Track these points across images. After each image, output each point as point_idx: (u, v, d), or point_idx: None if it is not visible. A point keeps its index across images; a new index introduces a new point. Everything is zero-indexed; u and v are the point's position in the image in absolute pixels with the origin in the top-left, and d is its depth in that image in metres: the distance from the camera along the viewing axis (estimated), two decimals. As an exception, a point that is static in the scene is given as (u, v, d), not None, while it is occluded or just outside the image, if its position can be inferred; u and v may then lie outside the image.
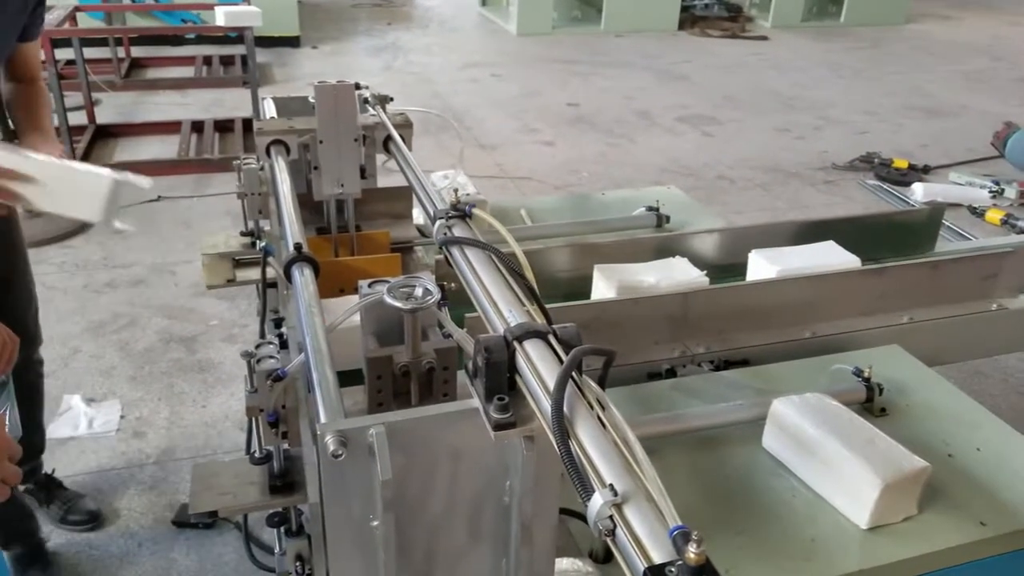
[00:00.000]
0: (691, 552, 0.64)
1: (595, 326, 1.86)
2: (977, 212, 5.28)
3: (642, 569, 0.67)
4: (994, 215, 5.17)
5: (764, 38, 10.53)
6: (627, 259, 2.13)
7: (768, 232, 2.33)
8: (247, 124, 6.16)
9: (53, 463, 2.79)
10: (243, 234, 2.21)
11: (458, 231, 1.31)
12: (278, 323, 1.47)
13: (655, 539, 0.69)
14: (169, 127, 6.27)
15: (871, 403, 1.70)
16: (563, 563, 1.27)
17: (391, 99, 2.08)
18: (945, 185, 5.71)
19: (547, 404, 0.88)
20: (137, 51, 8.22)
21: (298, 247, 1.41)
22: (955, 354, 2.19)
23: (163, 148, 5.96)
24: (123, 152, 5.92)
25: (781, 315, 1.99)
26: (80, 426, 3.11)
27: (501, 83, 8.09)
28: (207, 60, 8.22)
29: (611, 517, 0.73)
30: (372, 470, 0.98)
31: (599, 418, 0.86)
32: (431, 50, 9.31)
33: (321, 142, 1.91)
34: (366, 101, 2.05)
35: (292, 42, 9.00)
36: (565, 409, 0.85)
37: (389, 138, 1.97)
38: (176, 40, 8.69)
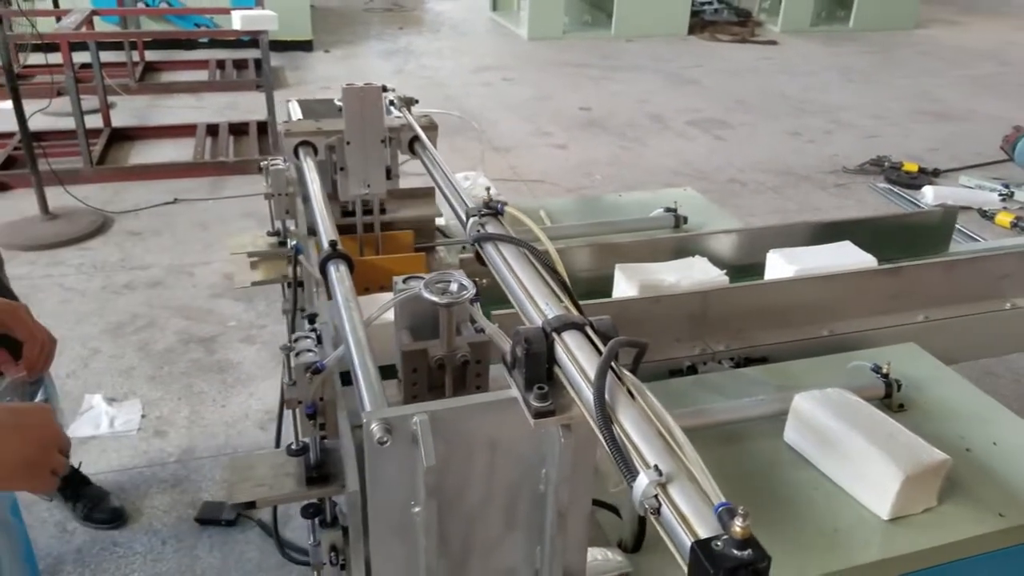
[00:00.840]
0: (737, 526, 0.68)
1: (617, 324, 1.88)
2: (987, 215, 5.30)
3: (689, 544, 0.71)
4: (1004, 218, 5.20)
5: (773, 43, 10.56)
6: (647, 259, 2.17)
7: (785, 233, 2.36)
8: (262, 127, 6.22)
9: (75, 461, 2.83)
10: (270, 234, 2.25)
11: (491, 228, 1.35)
12: (311, 319, 1.51)
13: (700, 516, 0.73)
14: (184, 130, 6.33)
15: (889, 399, 1.73)
16: (593, 553, 1.30)
17: (416, 101, 2.12)
18: (955, 188, 5.73)
19: (587, 392, 0.92)
20: (151, 55, 8.30)
21: (333, 244, 1.45)
22: (970, 353, 2.22)
23: (178, 151, 6.02)
24: (138, 155, 5.98)
25: (799, 314, 2.03)
26: (102, 425, 3.15)
27: (513, 87, 8.13)
28: (220, 64, 8.29)
29: (656, 496, 0.76)
30: (415, 457, 1.02)
31: (639, 407, 0.89)
32: (442, 54, 9.37)
33: (348, 143, 1.95)
34: (391, 103, 2.09)
35: (305, 46, 9.08)
36: (607, 396, 0.88)
37: (415, 139, 2.01)
38: (189, 44, 8.77)
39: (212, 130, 6.35)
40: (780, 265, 2.14)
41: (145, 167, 5.69)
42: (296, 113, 2.26)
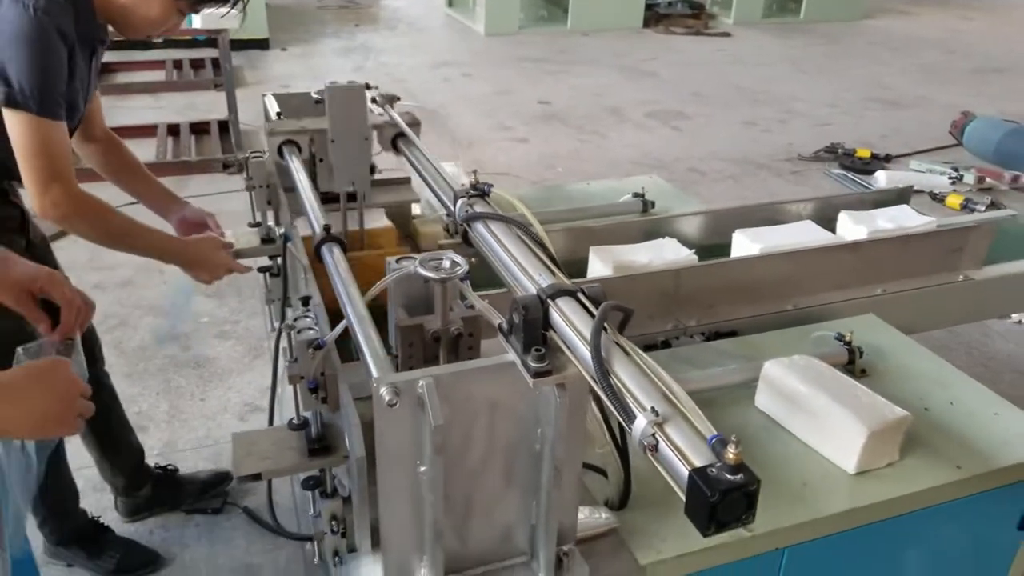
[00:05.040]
0: (730, 453, 0.76)
1: (593, 302, 1.98)
2: (938, 198, 5.48)
3: (686, 473, 0.79)
4: (954, 200, 5.37)
5: (727, 35, 10.74)
6: (619, 242, 2.26)
7: (749, 213, 2.46)
8: (223, 126, 6.21)
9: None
10: (251, 225, 2.29)
11: (479, 208, 1.42)
12: (305, 301, 1.57)
13: (695, 448, 0.81)
14: (145, 131, 6.28)
15: (852, 365, 1.84)
16: (583, 511, 1.39)
17: (398, 99, 2.18)
18: (906, 172, 5.91)
19: (584, 351, 1.00)
20: (107, 56, 8.20)
21: (327, 228, 1.51)
22: (926, 323, 2.33)
23: (140, 151, 5.88)
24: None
25: (765, 289, 2.12)
26: (81, 422, 3.16)
27: (472, 82, 8.19)
28: (177, 64, 8.23)
29: (654, 434, 0.84)
30: (420, 419, 1.09)
31: (631, 360, 0.98)
32: (401, 51, 9.39)
33: (333, 141, 2.00)
34: (373, 100, 2.15)
35: (261, 44, 9.04)
36: (603, 352, 0.97)
37: (398, 135, 2.07)
38: (145, 45, 8.69)
39: (173, 130, 6.32)
40: (745, 244, 2.24)
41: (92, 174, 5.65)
42: (273, 107, 2.31)
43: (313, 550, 2.01)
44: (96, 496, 2.73)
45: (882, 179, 5.69)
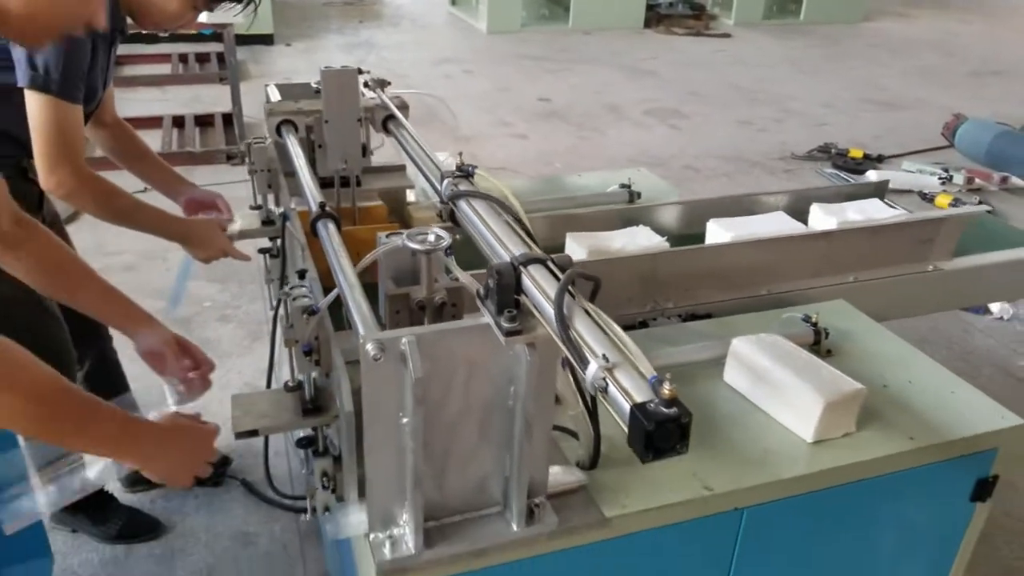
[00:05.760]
0: (665, 390, 0.87)
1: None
2: (927, 197, 5.59)
3: (628, 407, 0.90)
4: (943, 200, 5.48)
5: (727, 35, 10.84)
6: (599, 229, 2.37)
7: (726, 204, 2.57)
8: (227, 119, 6.33)
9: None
10: (252, 208, 2.40)
11: (463, 188, 1.53)
12: (301, 274, 1.69)
13: (637, 387, 0.92)
14: (150, 122, 6.40)
15: (818, 345, 1.94)
16: (555, 469, 1.49)
17: (389, 83, 2.29)
18: (897, 172, 6.02)
19: (550, 310, 1.11)
20: (114, 49, 8.33)
21: (322, 205, 1.63)
22: (896, 311, 2.43)
23: (146, 142, 6.09)
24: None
25: (740, 275, 2.23)
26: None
27: (473, 79, 8.31)
28: (183, 57, 8.35)
29: (604, 378, 0.95)
30: (403, 374, 1.20)
31: (590, 318, 1.09)
32: (403, 47, 9.51)
33: (327, 122, 2.12)
34: (366, 84, 2.26)
35: (266, 40, 9.17)
36: (564, 310, 1.08)
37: (389, 118, 2.19)
38: (151, 38, 8.79)
39: (178, 122, 6.45)
40: (719, 233, 2.35)
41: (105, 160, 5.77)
42: (275, 95, 2.42)
43: (306, 520, 2.12)
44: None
45: (873, 178, 5.79)
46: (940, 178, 5.82)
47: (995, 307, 4.26)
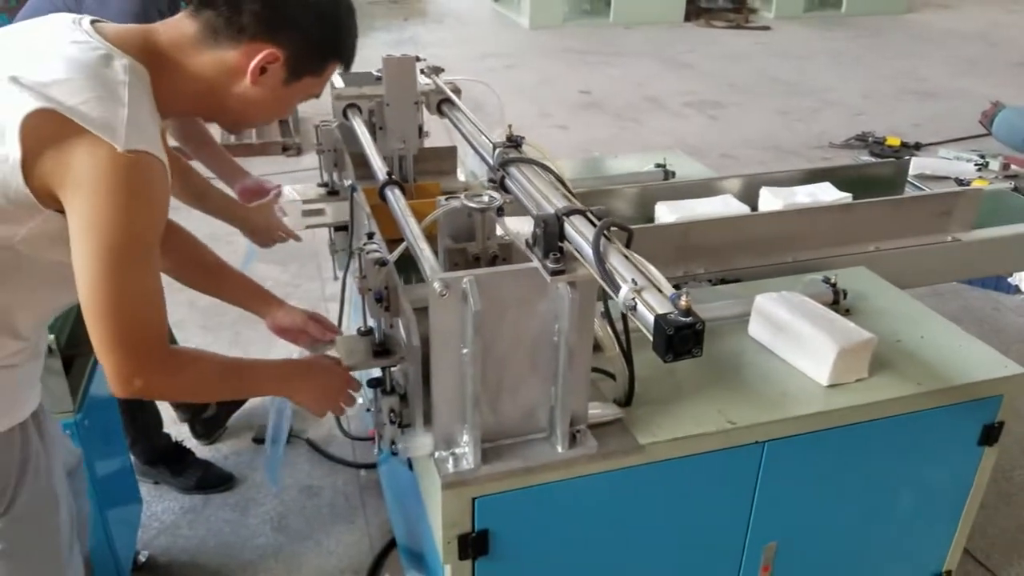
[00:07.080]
0: (682, 301, 1.07)
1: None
2: (963, 183, 5.67)
3: (652, 317, 1.10)
4: (979, 185, 5.56)
5: (767, 28, 10.93)
6: (634, 202, 2.58)
7: (764, 180, 2.74)
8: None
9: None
10: (319, 185, 2.63)
11: (513, 155, 1.74)
12: (370, 235, 1.90)
13: (660, 302, 1.12)
14: (208, 116, 6.70)
15: (837, 304, 2.11)
16: (594, 405, 1.69)
17: (443, 70, 2.50)
18: (934, 159, 6.11)
19: (589, 252, 1.31)
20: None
21: (389, 174, 1.84)
22: (916, 279, 2.58)
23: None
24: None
25: (767, 243, 2.40)
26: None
27: (516, 72, 8.52)
28: (237, 55, 8.66)
29: (633, 298, 1.15)
30: (464, 311, 1.41)
31: (620, 255, 1.29)
32: (447, 43, 9.75)
33: (387, 105, 2.34)
34: (422, 71, 2.48)
35: (315, 37, 9.43)
36: (601, 248, 1.28)
37: (443, 101, 2.40)
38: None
39: (235, 115, 6.73)
40: (769, 199, 2.54)
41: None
42: (339, 83, 2.64)
43: (366, 477, 2.34)
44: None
45: (909, 165, 5.90)
46: (976, 164, 5.90)
47: (1026, 286, 4.37)
